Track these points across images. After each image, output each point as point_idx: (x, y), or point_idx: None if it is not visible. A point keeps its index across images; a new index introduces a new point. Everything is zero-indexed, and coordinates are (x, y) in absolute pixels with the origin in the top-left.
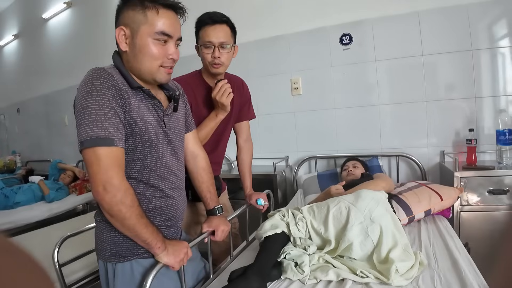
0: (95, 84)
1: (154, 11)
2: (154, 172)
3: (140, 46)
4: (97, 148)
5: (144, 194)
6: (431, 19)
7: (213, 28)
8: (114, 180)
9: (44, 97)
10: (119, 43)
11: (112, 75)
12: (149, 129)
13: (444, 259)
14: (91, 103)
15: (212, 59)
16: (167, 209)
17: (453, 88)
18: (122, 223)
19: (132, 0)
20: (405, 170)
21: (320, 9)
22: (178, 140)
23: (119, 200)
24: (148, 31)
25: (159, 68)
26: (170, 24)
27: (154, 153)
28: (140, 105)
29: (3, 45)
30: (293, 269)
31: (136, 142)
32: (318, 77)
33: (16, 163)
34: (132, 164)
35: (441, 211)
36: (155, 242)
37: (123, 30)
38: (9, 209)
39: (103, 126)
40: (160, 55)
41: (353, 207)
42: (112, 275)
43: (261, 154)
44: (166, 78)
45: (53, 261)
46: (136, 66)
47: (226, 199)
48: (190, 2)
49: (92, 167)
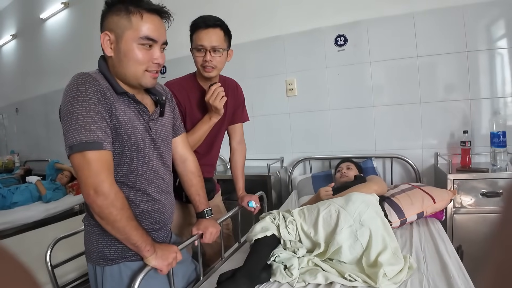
0: (80, 89)
1: (139, 16)
2: (141, 176)
3: (125, 51)
4: (87, 152)
5: (131, 198)
6: (426, 21)
7: (206, 32)
8: (104, 184)
9: (42, 96)
10: (104, 48)
11: (97, 80)
12: (135, 134)
13: (434, 263)
14: (77, 108)
15: (203, 63)
16: (154, 213)
17: (448, 89)
18: (112, 226)
19: (116, 5)
20: (400, 171)
21: (315, 10)
22: (164, 144)
23: (109, 203)
24: (132, 36)
25: (145, 72)
26: (154, 29)
27: (141, 157)
28: (125, 109)
29: (1, 45)
30: (282, 272)
31: (122, 146)
32: (313, 78)
33: (14, 163)
34: (118, 168)
35: (434, 213)
36: (144, 245)
37: (108, 35)
38: (7, 209)
39: (91, 130)
40: (145, 60)
41: (343, 210)
42: (101, 278)
43: (256, 155)
44: (152, 83)
45: (46, 262)
46: (122, 71)
47: (219, 201)
48: (186, 4)
49: (82, 171)
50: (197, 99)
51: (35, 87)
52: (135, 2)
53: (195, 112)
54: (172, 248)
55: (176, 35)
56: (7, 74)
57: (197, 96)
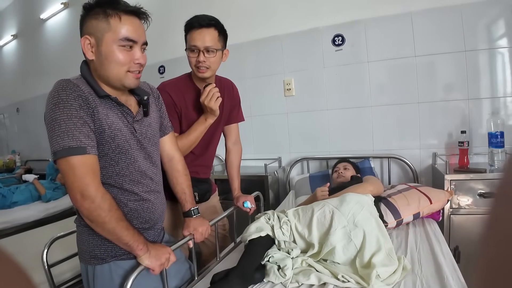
0: (61, 96)
1: (117, 18)
2: (127, 177)
3: (106, 53)
4: (71, 157)
5: (118, 198)
6: (424, 20)
7: (199, 32)
8: (90, 187)
9: (43, 96)
10: (85, 52)
11: (78, 85)
12: (118, 136)
13: (429, 264)
14: (59, 114)
15: (197, 63)
16: (143, 212)
17: (446, 89)
18: (102, 228)
19: (94, 9)
20: (397, 172)
21: (313, 10)
22: (151, 144)
23: (97, 205)
24: (112, 38)
25: (127, 73)
26: (133, 30)
27: (126, 158)
28: (108, 112)
29: (2, 45)
30: (276, 272)
31: (106, 149)
32: (311, 78)
33: (15, 162)
34: (104, 170)
35: (430, 214)
36: (137, 244)
37: (88, 39)
38: (7, 208)
39: (73, 136)
40: (126, 61)
41: (337, 211)
42: (92, 277)
43: (254, 155)
44: (135, 83)
45: (42, 262)
46: (104, 73)
47: (216, 201)
48: (183, 5)
49: (68, 176)
50: (192, 99)
51: (36, 87)
52: (113, 5)
53: (191, 112)
54: (166, 249)
55: (174, 35)
56: (8, 74)
57: (192, 97)
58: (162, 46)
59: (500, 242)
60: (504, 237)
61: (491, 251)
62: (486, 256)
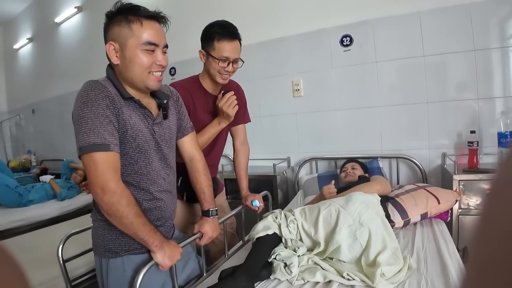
0: (90, 96)
1: (138, 24)
2: (144, 176)
3: (130, 57)
4: (94, 153)
5: (135, 197)
6: (432, 20)
7: (232, 44)
8: (110, 183)
9: (57, 98)
10: (110, 57)
11: (106, 86)
12: (139, 136)
13: (434, 264)
14: (87, 112)
15: (222, 70)
16: (156, 210)
17: (455, 89)
18: (120, 222)
19: (116, 17)
20: (406, 172)
21: (321, 10)
22: (168, 146)
23: (116, 200)
24: (135, 43)
25: (149, 75)
26: (154, 34)
27: (144, 158)
28: (131, 114)
29: (18, 48)
30: (282, 269)
31: (127, 148)
32: (319, 78)
33: (31, 162)
34: (124, 168)
35: (438, 214)
36: (152, 241)
37: (113, 45)
38: (23, 206)
39: (99, 133)
40: (149, 63)
41: (342, 210)
42: (106, 270)
43: (262, 155)
44: (157, 85)
45: (58, 257)
46: (128, 76)
47: (223, 200)
48: (193, 6)
49: (91, 171)
50: (200, 101)
51: (51, 88)
52: (133, 11)
53: (198, 114)
54: (178, 250)
55: (185, 37)
56: (24, 76)
57: (200, 99)
58: (173, 48)
59: (491, 240)
60: (495, 235)
61: (483, 250)
62: (477, 255)
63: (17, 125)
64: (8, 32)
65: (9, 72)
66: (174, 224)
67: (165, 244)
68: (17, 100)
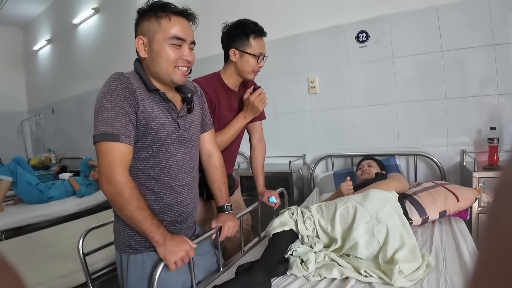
0: (111, 86)
1: (167, 19)
2: (166, 170)
3: (157, 51)
4: (104, 143)
5: (156, 191)
6: (450, 14)
7: (263, 41)
8: (115, 174)
9: (76, 97)
10: (139, 51)
11: (129, 78)
12: (161, 129)
13: (454, 262)
14: (105, 102)
15: (257, 67)
16: (177, 206)
17: (475, 84)
18: (121, 213)
19: (147, 13)
20: (424, 170)
21: (336, 6)
22: (192, 140)
23: (117, 192)
24: (163, 37)
25: (175, 69)
26: (182, 29)
27: (166, 151)
28: (154, 107)
29: (38, 50)
30: (299, 265)
31: (149, 141)
32: (335, 75)
33: (51, 160)
34: (145, 161)
35: (457, 212)
36: (152, 236)
37: (142, 39)
38: (44, 203)
39: (111, 123)
40: (176, 57)
41: (360, 207)
42: (126, 265)
43: (278, 153)
44: (182, 80)
45: (78, 251)
46: (155, 69)
47: (239, 196)
48: (210, 4)
49: (99, 159)
50: (223, 98)
51: (69, 88)
52: (163, 8)
53: (222, 110)
54: (184, 245)
55: (202, 36)
56: (43, 77)
57: (223, 95)
58: None
59: (498, 240)
60: (502, 235)
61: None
62: (485, 254)
63: (37, 124)
64: (27, 34)
65: (29, 73)
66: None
67: (167, 240)
68: (37, 100)
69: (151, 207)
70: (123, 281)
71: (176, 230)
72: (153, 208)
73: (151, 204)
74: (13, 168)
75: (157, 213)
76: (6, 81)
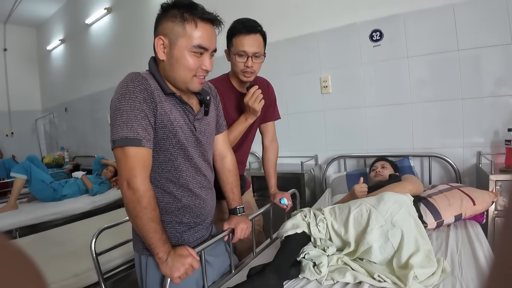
0: (129, 87)
1: (193, 25)
2: (184, 172)
3: (177, 56)
4: (126, 147)
5: (174, 193)
6: (466, 12)
7: (248, 38)
8: (136, 179)
9: (88, 97)
10: (158, 52)
11: (146, 79)
12: (179, 132)
13: (470, 268)
14: (123, 105)
15: (244, 68)
16: (195, 208)
17: (492, 84)
18: (133, 220)
19: (172, 11)
20: (438, 171)
21: (349, 5)
22: (207, 142)
23: (136, 198)
24: (186, 44)
25: (193, 78)
26: (206, 38)
27: (184, 154)
28: (172, 109)
29: (51, 49)
30: (311, 269)
31: (167, 144)
32: (348, 75)
33: (64, 158)
34: (163, 164)
35: (473, 216)
36: (157, 252)
37: (162, 39)
38: (57, 201)
39: (132, 127)
40: (195, 66)
41: (374, 210)
42: (145, 267)
43: (290, 153)
44: (198, 88)
45: (91, 250)
46: (172, 74)
47: (250, 197)
48: (218, 5)
49: (120, 164)
50: (231, 100)
51: (82, 88)
52: (190, 9)
53: (230, 113)
54: (186, 260)
55: None
56: (57, 76)
57: (231, 97)
58: None
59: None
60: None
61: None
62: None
63: (51, 123)
64: (41, 34)
65: (43, 73)
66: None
67: (170, 256)
68: (51, 99)
69: (170, 209)
70: (142, 281)
71: (194, 231)
72: (172, 210)
73: (169, 206)
74: (27, 166)
75: (176, 214)
76: (21, 80)
